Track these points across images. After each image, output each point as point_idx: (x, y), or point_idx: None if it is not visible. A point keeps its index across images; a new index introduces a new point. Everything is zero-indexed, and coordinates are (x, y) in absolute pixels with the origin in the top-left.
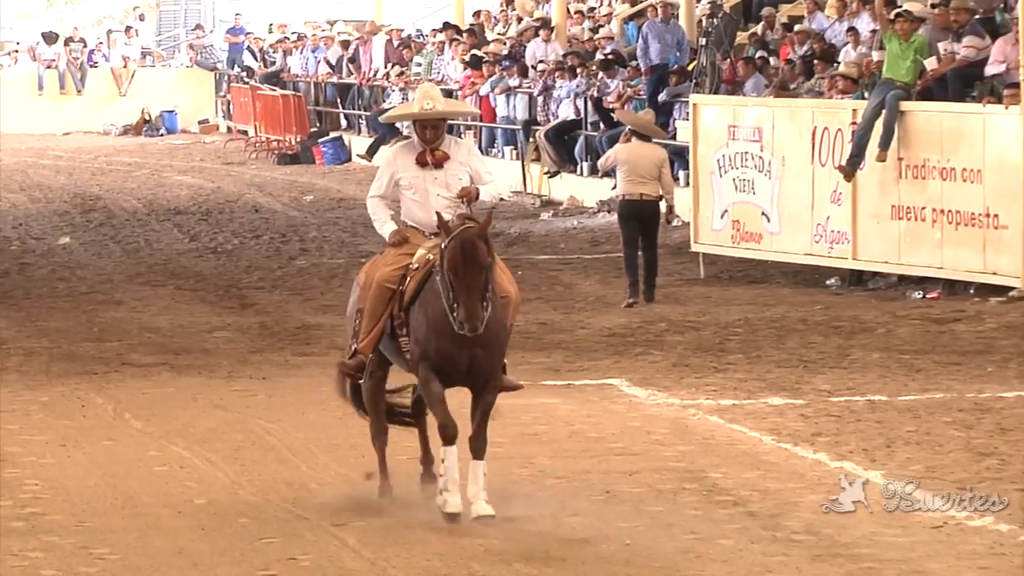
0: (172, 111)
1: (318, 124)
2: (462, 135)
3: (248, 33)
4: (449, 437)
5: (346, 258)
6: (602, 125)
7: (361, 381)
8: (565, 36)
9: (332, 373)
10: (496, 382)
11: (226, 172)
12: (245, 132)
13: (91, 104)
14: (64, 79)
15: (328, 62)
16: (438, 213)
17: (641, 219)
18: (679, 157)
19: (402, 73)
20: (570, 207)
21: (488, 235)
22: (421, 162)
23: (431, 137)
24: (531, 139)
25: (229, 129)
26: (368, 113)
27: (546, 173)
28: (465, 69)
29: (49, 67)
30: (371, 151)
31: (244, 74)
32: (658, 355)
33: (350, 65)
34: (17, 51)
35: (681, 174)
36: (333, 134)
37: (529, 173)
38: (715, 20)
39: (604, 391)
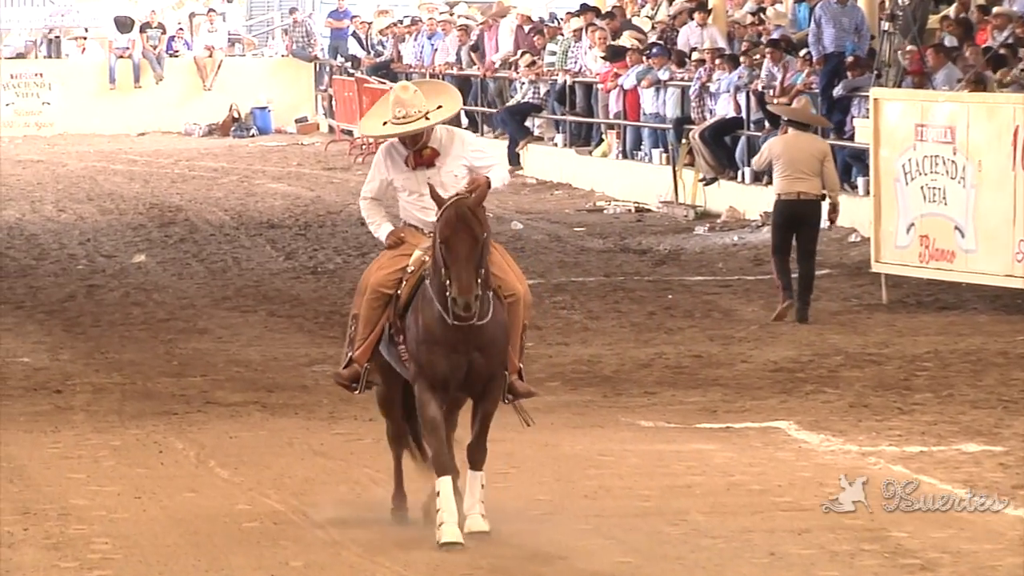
0: (265, 108)
1: None
2: (607, 136)
3: (353, 17)
4: (444, 467)
5: None
6: (767, 124)
7: (356, 392)
8: (724, 20)
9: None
10: (498, 388)
11: (328, 179)
12: (350, 132)
13: (170, 100)
14: (139, 71)
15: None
16: (430, 184)
17: (799, 222)
18: (857, 161)
19: (533, 63)
20: (729, 220)
21: (483, 209)
22: (412, 164)
23: (410, 141)
24: (684, 140)
25: (331, 129)
26: (493, 110)
27: (701, 180)
28: (606, 59)
29: (122, 57)
30: (511, 156)
31: (349, 65)
32: (832, 394)
33: (472, 54)
34: (86, 38)
35: (860, 181)
36: None
37: (681, 180)
38: (901, 0)
39: (769, 436)
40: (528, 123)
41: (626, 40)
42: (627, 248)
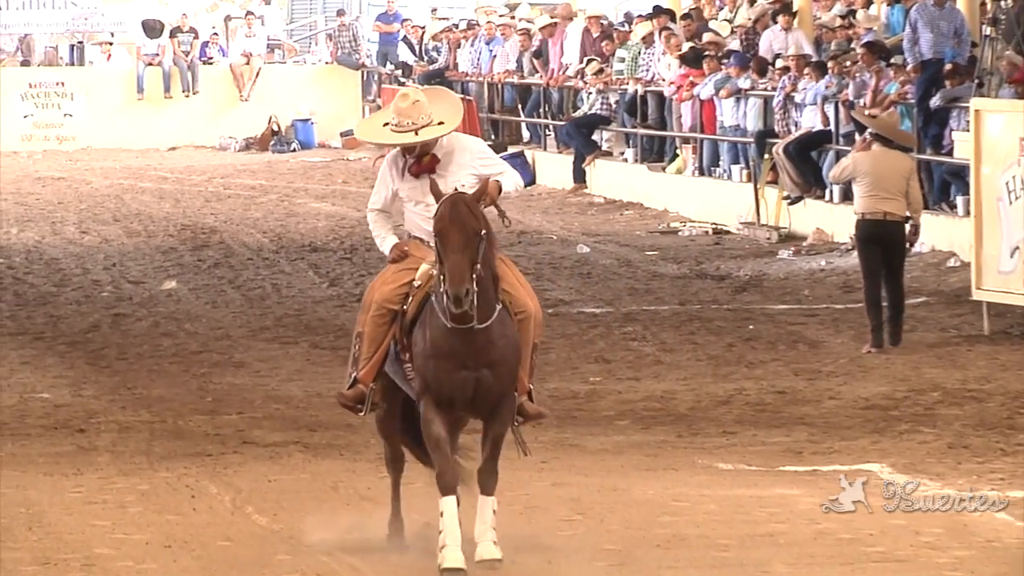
0: (307, 120)
1: (493, 136)
2: (681, 151)
3: (404, 21)
4: (447, 487)
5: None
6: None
7: (362, 414)
8: (811, 23)
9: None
10: (509, 409)
11: None
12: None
13: (204, 111)
14: (170, 80)
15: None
16: (431, 179)
17: (885, 243)
18: (956, 179)
19: (601, 71)
20: (816, 243)
21: (481, 206)
22: (415, 172)
23: (409, 150)
24: (766, 155)
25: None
26: (558, 123)
27: (785, 199)
28: (681, 66)
29: (151, 64)
30: (576, 172)
31: (399, 72)
32: (929, 433)
33: (534, 61)
34: (111, 44)
35: (959, 201)
36: (512, 149)
37: (763, 199)
38: (1004, 3)
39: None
40: (596, 136)
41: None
42: (704, 274)
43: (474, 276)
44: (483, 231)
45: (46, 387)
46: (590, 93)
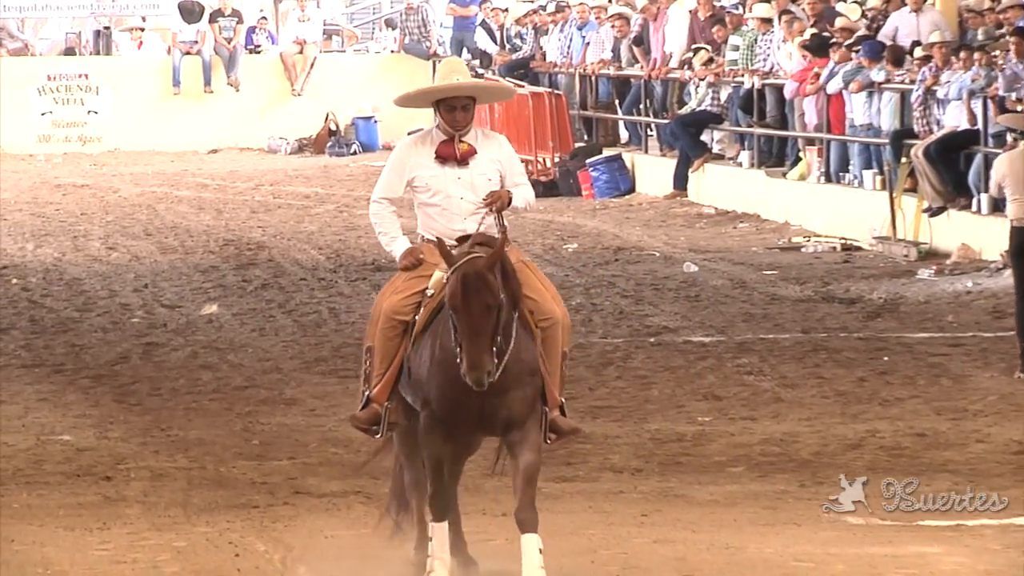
0: (370, 118)
1: (586, 137)
2: (804, 154)
3: (483, 3)
4: (440, 511)
5: (627, 336)
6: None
7: (378, 436)
8: (954, 6)
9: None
10: (532, 435)
11: None
12: None
13: (250, 108)
14: (210, 71)
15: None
16: (439, 240)
17: None
18: None
19: (710, 61)
20: (962, 260)
21: (504, 264)
22: (443, 155)
23: (462, 121)
24: (903, 159)
25: None
26: (662, 121)
27: (926, 210)
28: (804, 55)
29: (188, 53)
30: (678, 178)
31: (477, 63)
32: None
33: (634, 49)
34: (143, 30)
35: None
36: (608, 151)
37: (900, 210)
38: None
39: (1011, 535)
40: (705, 137)
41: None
42: (831, 297)
43: (494, 350)
44: (500, 301)
45: (67, 428)
46: (698, 86)
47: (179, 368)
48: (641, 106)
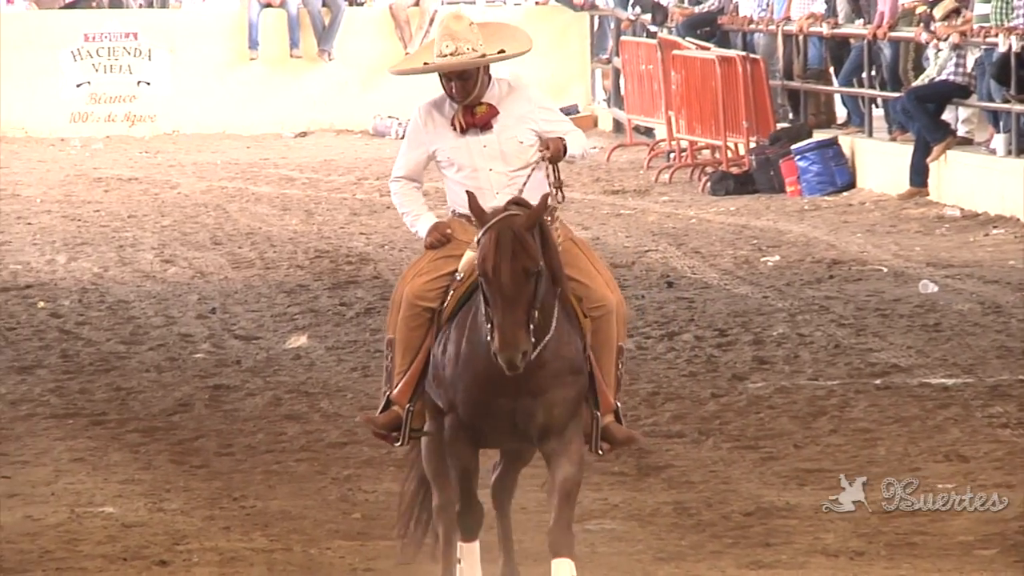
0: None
1: (791, 116)
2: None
3: None
4: (470, 530)
5: (844, 377)
6: None
7: (398, 444)
8: None
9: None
10: (573, 445)
11: (611, 207)
12: (649, 131)
13: (349, 77)
14: (298, 30)
15: None
16: (469, 194)
17: None
18: None
19: (956, 13)
20: None
21: (544, 228)
22: (461, 124)
23: (460, 91)
24: None
25: (617, 125)
26: (891, 95)
27: None
28: None
29: (270, 6)
30: (916, 171)
31: (649, 18)
32: None
33: (852, 3)
34: None
35: None
36: (820, 135)
37: None
38: None
39: None
40: (947, 115)
41: None
42: None
43: (530, 326)
44: (540, 267)
45: (109, 497)
46: (939, 50)
47: (256, 419)
48: (864, 75)
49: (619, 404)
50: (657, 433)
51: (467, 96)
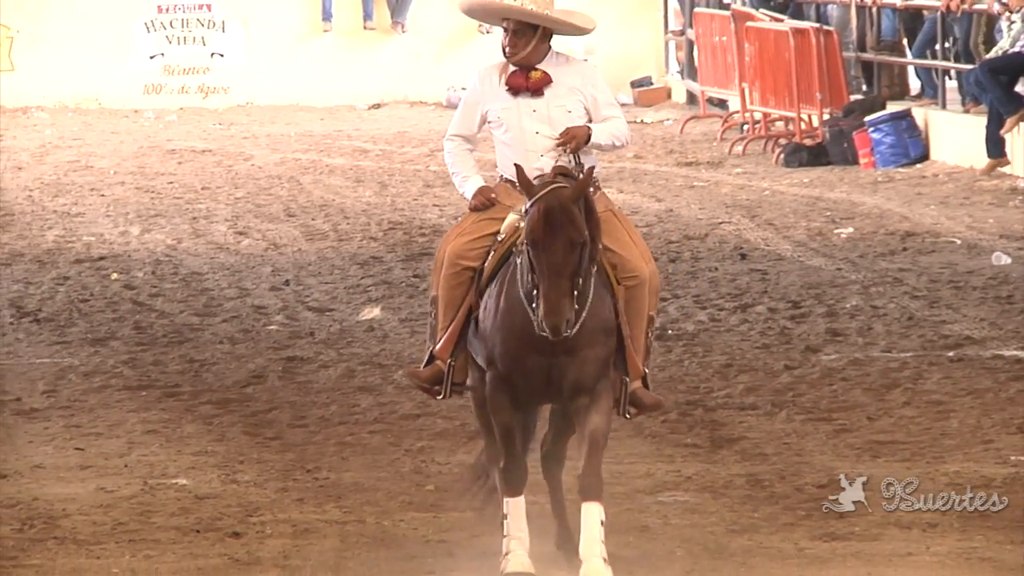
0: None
1: (865, 87)
2: None
3: None
4: (515, 486)
5: (917, 349)
6: None
7: (440, 397)
8: None
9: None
10: (602, 401)
11: (686, 181)
12: (722, 103)
13: (424, 49)
14: (370, 2)
15: None
16: (517, 166)
17: None
18: None
19: None
20: None
21: (588, 201)
22: (514, 86)
23: (517, 47)
24: None
25: (691, 97)
26: (965, 67)
27: None
28: None
29: None
30: (992, 142)
31: None
32: None
33: None
34: None
35: None
36: (894, 106)
37: None
38: None
39: None
40: (1020, 88)
41: None
42: None
43: (575, 294)
44: (585, 238)
45: (183, 469)
46: (1011, 23)
47: (330, 391)
48: (937, 47)
49: (647, 370)
50: (730, 405)
51: (516, 53)
